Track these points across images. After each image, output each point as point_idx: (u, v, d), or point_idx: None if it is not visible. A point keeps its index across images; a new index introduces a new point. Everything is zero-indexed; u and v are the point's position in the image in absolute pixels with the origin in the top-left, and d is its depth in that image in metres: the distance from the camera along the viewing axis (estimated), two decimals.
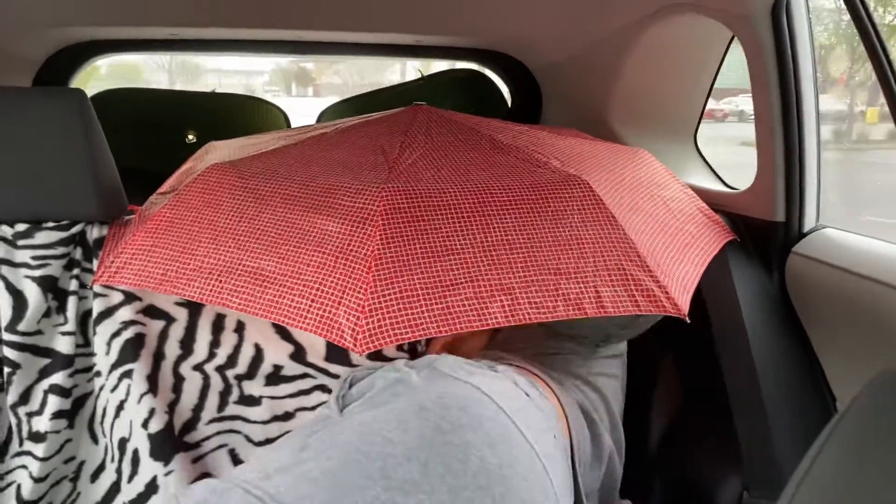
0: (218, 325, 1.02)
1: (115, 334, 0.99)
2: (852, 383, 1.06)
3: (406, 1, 1.54)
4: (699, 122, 1.57)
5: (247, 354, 1.01)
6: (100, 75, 3.23)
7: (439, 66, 2.19)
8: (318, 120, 1.91)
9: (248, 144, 1.21)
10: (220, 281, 0.90)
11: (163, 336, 1.01)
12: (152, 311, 1.01)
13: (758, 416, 1.09)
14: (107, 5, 1.52)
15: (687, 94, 1.54)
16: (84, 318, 1.01)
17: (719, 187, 1.47)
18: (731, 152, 1.58)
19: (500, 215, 0.93)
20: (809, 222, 1.17)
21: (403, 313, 0.82)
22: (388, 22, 1.68)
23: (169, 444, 0.97)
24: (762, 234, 1.20)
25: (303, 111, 1.95)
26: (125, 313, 1.00)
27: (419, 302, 0.84)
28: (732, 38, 1.39)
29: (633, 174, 1.13)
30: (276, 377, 1.01)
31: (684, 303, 0.94)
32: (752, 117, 1.20)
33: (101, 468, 1.01)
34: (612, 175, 1.07)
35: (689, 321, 0.91)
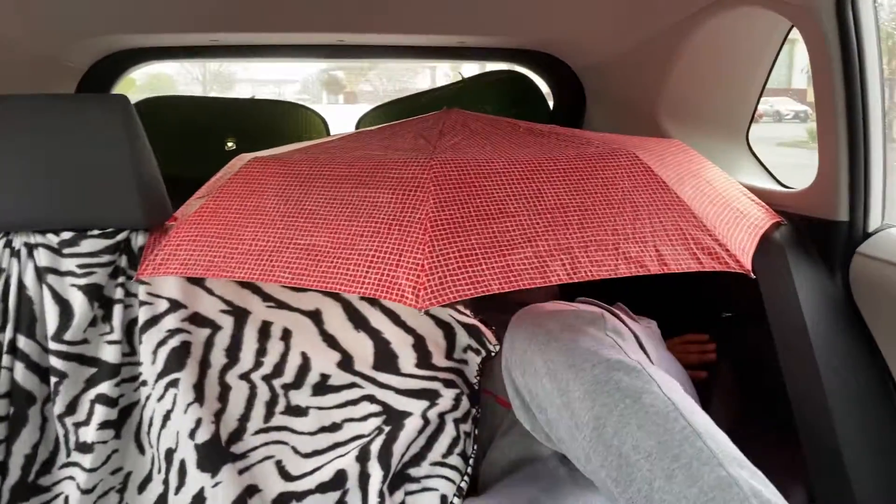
0: (264, 332, 1.01)
1: (161, 343, 0.98)
2: None
3: (446, 1, 1.52)
4: (752, 120, 1.52)
5: (293, 363, 1.00)
6: (135, 87, 3.26)
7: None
8: (357, 126, 1.90)
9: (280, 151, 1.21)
10: (272, 260, 0.89)
11: (208, 344, 1.00)
12: (198, 319, 1.00)
13: (823, 422, 1.03)
14: (152, 13, 1.53)
15: (740, 91, 1.49)
16: (130, 326, 1.00)
17: (775, 187, 1.42)
18: (769, 153, 1.53)
19: (551, 182, 0.93)
20: (875, 222, 1.11)
21: (464, 271, 0.81)
22: (428, 23, 1.66)
23: (216, 454, 0.95)
24: (823, 234, 1.15)
25: (336, 118, 1.94)
26: (171, 321, 0.99)
27: (479, 260, 0.83)
28: (789, 31, 1.34)
29: (674, 157, 1.12)
30: (323, 387, 1.00)
31: (746, 263, 0.91)
32: (787, 117, 1.15)
33: (148, 479, 0.99)
34: (653, 154, 1.06)
35: (753, 276, 0.89)
